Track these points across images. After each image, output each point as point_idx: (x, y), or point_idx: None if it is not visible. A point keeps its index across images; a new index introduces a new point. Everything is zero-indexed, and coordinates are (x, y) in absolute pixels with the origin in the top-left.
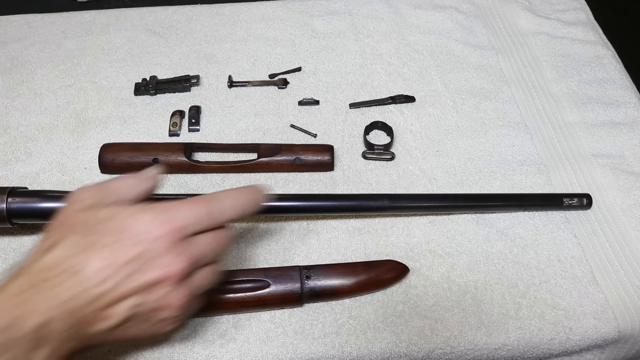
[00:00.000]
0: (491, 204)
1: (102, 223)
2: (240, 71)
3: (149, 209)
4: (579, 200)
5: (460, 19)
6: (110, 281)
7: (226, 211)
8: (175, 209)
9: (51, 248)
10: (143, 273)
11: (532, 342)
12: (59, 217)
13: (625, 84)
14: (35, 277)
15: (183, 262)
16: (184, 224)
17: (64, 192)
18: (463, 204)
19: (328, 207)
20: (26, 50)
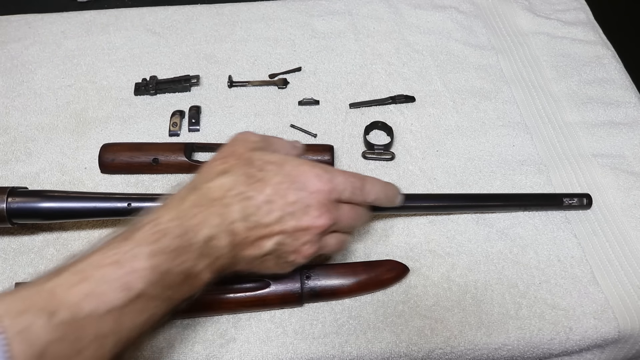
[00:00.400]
0: (491, 204)
1: (272, 164)
2: (240, 71)
3: (316, 165)
4: (579, 200)
5: (460, 19)
6: (275, 214)
7: (372, 194)
8: (338, 173)
9: (225, 173)
10: (299, 217)
11: (532, 342)
12: (229, 149)
13: (625, 84)
14: (209, 194)
15: (328, 219)
16: (340, 189)
17: (63, 192)
18: (463, 204)
19: None
20: (26, 50)
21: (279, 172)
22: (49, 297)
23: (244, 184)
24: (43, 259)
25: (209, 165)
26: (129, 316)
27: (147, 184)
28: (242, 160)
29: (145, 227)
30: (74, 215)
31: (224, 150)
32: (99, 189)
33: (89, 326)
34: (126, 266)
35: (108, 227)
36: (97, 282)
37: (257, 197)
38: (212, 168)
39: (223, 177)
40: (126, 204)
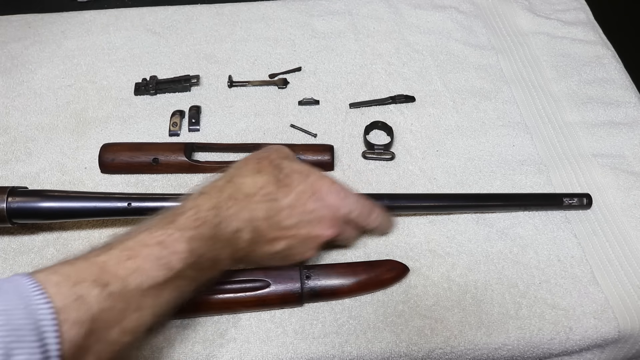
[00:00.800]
0: (491, 203)
1: (299, 173)
2: (240, 71)
3: (336, 182)
4: (579, 200)
5: (460, 19)
6: (293, 219)
7: (376, 223)
8: (353, 195)
9: (259, 172)
10: (313, 226)
11: (532, 342)
12: (263, 154)
13: (625, 84)
14: (244, 189)
15: (335, 233)
16: (352, 209)
17: (63, 191)
18: (463, 204)
19: None
20: (26, 50)
21: (303, 181)
22: (101, 271)
23: (274, 185)
24: (43, 259)
25: (245, 162)
26: (166, 292)
27: (147, 184)
28: (273, 165)
29: (188, 212)
30: (74, 215)
31: (259, 153)
32: (99, 189)
33: (134, 298)
34: (169, 247)
35: (108, 227)
36: (143, 260)
37: (282, 200)
38: (247, 165)
39: (257, 176)
40: (126, 204)
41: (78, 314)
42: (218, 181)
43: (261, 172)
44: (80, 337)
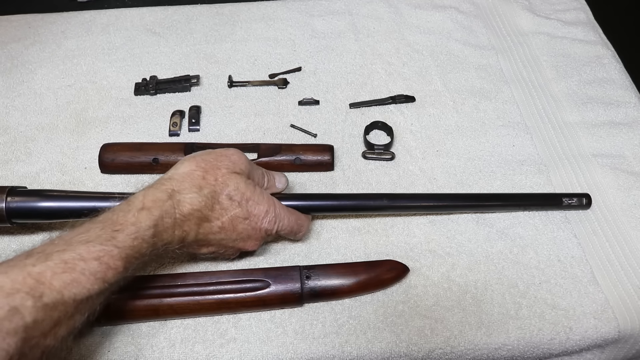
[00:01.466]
0: (491, 203)
1: (241, 194)
2: (240, 71)
3: (272, 206)
4: (578, 200)
5: (460, 19)
6: (221, 235)
7: (300, 238)
8: (286, 218)
9: (199, 190)
10: (238, 242)
11: (532, 342)
12: (214, 162)
13: (625, 84)
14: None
15: (257, 247)
16: (281, 230)
17: (63, 191)
18: (462, 204)
19: (327, 207)
20: (26, 50)
21: (241, 205)
22: (36, 282)
23: (209, 209)
24: None
25: (190, 173)
26: (99, 299)
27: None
28: (218, 183)
29: (129, 228)
30: (74, 215)
31: (209, 160)
32: (99, 189)
33: (68, 309)
34: (107, 264)
35: None
36: (79, 273)
37: (214, 222)
38: (192, 179)
39: (197, 195)
40: None
41: (11, 325)
42: (160, 193)
43: (202, 189)
44: (13, 347)
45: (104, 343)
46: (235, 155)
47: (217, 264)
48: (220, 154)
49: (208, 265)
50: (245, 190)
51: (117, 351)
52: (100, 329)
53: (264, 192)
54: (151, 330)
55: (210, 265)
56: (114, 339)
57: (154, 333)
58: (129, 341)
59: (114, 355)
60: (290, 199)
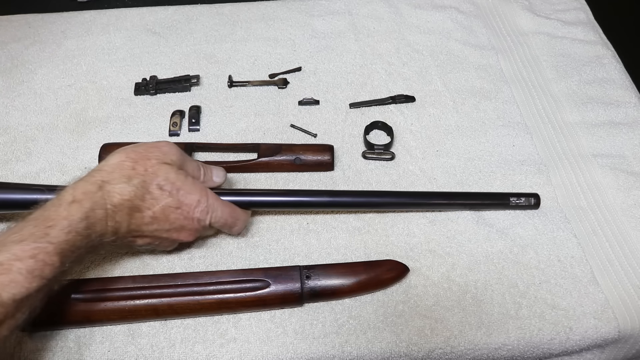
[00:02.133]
0: (433, 202)
1: (171, 184)
2: (240, 71)
3: (205, 196)
4: (526, 200)
5: (460, 19)
6: (154, 226)
7: (237, 232)
8: (220, 209)
9: (129, 180)
10: (172, 232)
11: (532, 342)
12: (144, 153)
13: (625, 84)
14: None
15: (192, 238)
16: (215, 222)
17: (32, 185)
18: (405, 201)
19: (265, 202)
20: (26, 50)
21: (172, 194)
22: None
23: (140, 199)
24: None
25: (120, 164)
26: (39, 295)
27: None
28: (148, 173)
29: (61, 223)
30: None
31: (139, 151)
32: None
33: (9, 308)
34: (43, 260)
35: None
36: (16, 273)
37: (145, 212)
38: (122, 169)
39: (127, 186)
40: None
41: None
42: (89, 185)
43: (132, 180)
44: None
45: (104, 343)
46: (167, 147)
47: (217, 264)
48: (151, 145)
49: (208, 265)
50: (175, 180)
51: (117, 351)
52: (100, 329)
53: (196, 182)
54: (151, 330)
55: (210, 265)
56: (114, 339)
57: (154, 333)
58: (129, 341)
59: (114, 355)
60: (228, 194)
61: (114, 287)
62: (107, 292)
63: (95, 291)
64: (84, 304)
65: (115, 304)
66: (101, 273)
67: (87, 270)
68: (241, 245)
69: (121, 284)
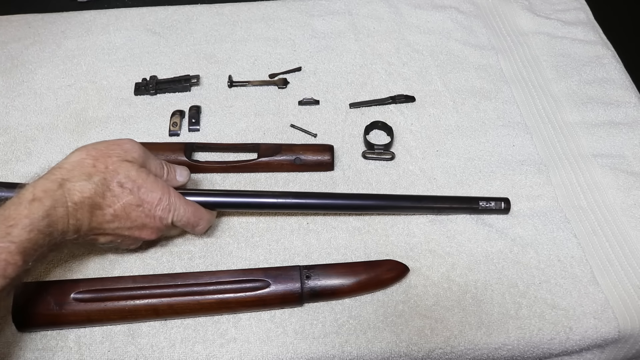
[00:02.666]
0: (399, 205)
1: (132, 182)
2: (240, 71)
3: (167, 194)
4: (496, 204)
5: (460, 19)
6: (116, 224)
7: (200, 232)
8: (182, 208)
9: (89, 177)
10: (134, 230)
11: (532, 342)
12: (106, 150)
13: (625, 84)
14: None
15: (155, 236)
16: (177, 220)
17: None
18: (370, 204)
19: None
20: (26, 50)
21: (133, 192)
22: None
23: (101, 196)
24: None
25: (80, 161)
26: (3, 294)
27: None
28: (109, 171)
29: (23, 221)
30: None
31: (100, 149)
32: None
33: None
34: (5, 260)
35: None
36: None
37: (106, 210)
38: (82, 167)
39: (87, 183)
40: None
41: None
42: (50, 183)
43: (92, 177)
44: None
45: (104, 343)
46: (129, 144)
47: (217, 264)
48: (113, 143)
49: (208, 265)
50: (136, 177)
51: (117, 351)
52: (101, 329)
53: (158, 180)
54: (151, 330)
55: (210, 265)
56: (114, 339)
57: (154, 333)
58: (129, 341)
59: (114, 355)
60: (192, 194)
61: (114, 287)
62: (107, 292)
63: (95, 291)
64: (84, 304)
65: (115, 304)
66: (101, 273)
67: (87, 270)
68: (241, 245)
69: (121, 284)
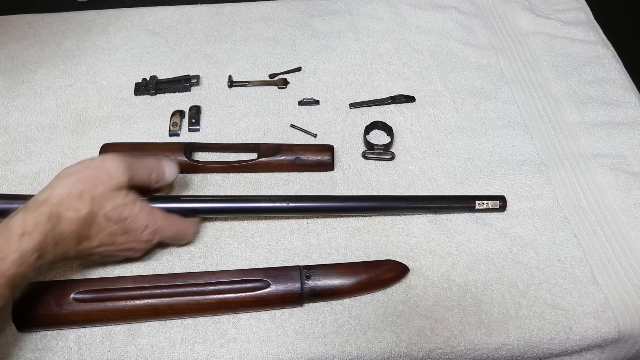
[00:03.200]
0: (394, 205)
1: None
2: (240, 71)
3: (153, 218)
4: (492, 203)
5: (460, 19)
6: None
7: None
8: (166, 228)
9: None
10: (122, 252)
11: (532, 342)
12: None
13: (625, 84)
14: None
15: (142, 254)
16: (164, 239)
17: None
18: (368, 206)
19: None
20: (26, 50)
21: (119, 222)
22: None
23: (88, 228)
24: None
25: (67, 194)
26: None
27: None
28: (95, 202)
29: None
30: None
31: (84, 179)
32: None
33: None
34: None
35: None
36: None
37: (93, 240)
38: (69, 200)
39: (74, 216)
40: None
41: None
42: (39, 216)
43: (80, 211)
44: None
45: (104, 343)
46: (112, 167)
47: (217, 264)
48: (97, 169)
49: (208, 265)
50: (122, 209)
51: (117, 351)
52: (101, 329)
53: (144, 208)
54: (151, 330)
55: (210, 265)
56: (114, 339)
57: (154, 333)
58: (129, 341)
59: (114, 355)
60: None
61: (114, 287)
62: (107, 292)
63: (95, 291)
64: (84, 304)
65: (115, 304)
66: (101, 273)
67: (87, 270)
68: (241, 245)
69: (121, 284)
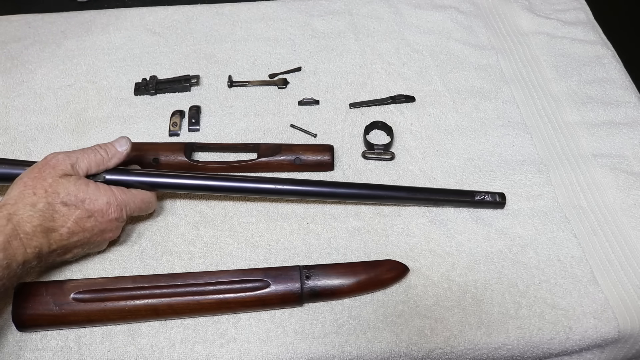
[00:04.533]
0: (396, 195)
1: (74, 197)
2: (240, 71)
3: (113, 196)
4: (492, 197)
5: (460, 19)
6: (75, 238)
7: (151, 211)
8: (130, 201)
9: (34, 206)
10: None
11: (532, 342)
12: (39, 177)
13: (625, 84)
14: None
15: (118, 233)
16: (130, 212)
17: None
18: (366, 193)
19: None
20: (26, 50)
21: (79, 207)
22: None
23: (50, 220)
24: None
25: (21, 194)
26: None
27: None
28: (48, 194)
29: None
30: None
31: (34, 177)
32: None
33: None
34: None
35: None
36: None
37: (60, 229)
38: (24, 199)
39: (32, 211)
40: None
41: None
42: (0, 219)
43: (36, 205)
44: None
45: (104, 343)
46: (54, 159)
47: (217, 264)
48: (41, 165)
49: (208, 265)
50: (77, 192)
51: (117, 351)
52: (101, 329)
53: (99, 186)
54: (151, 330)
55: (210, 265)
56: (114, 339)
57: (154, 333)
58: (129, 341)
59: (114, 355)
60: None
61: (114, 287)
62: (107, 292)
63: (95, 291)
64: (84, 304)
65: (115, 304)
66: (101, 273)
67: (87, 270)
68: (241, 245)
69: (121, 284)
